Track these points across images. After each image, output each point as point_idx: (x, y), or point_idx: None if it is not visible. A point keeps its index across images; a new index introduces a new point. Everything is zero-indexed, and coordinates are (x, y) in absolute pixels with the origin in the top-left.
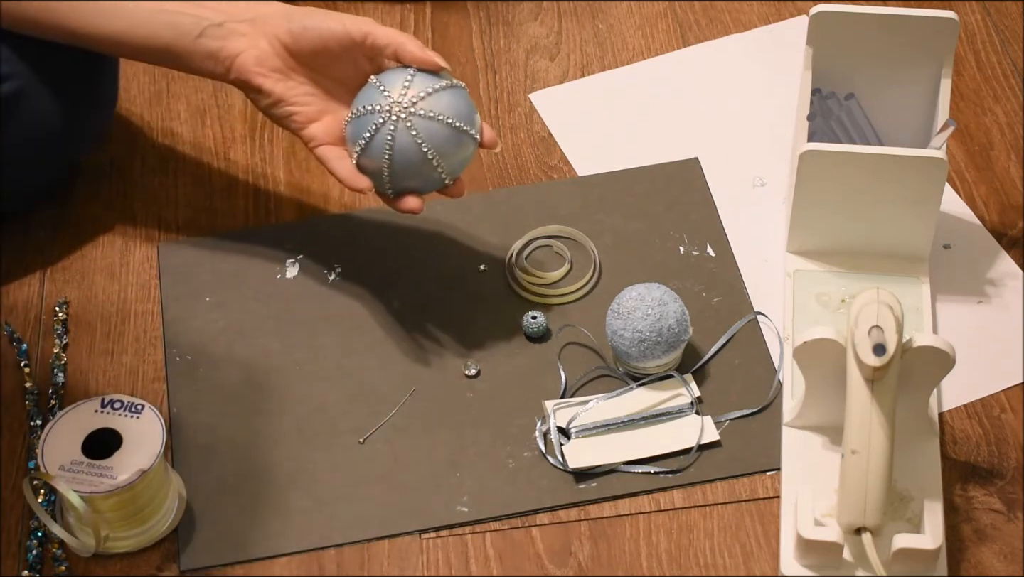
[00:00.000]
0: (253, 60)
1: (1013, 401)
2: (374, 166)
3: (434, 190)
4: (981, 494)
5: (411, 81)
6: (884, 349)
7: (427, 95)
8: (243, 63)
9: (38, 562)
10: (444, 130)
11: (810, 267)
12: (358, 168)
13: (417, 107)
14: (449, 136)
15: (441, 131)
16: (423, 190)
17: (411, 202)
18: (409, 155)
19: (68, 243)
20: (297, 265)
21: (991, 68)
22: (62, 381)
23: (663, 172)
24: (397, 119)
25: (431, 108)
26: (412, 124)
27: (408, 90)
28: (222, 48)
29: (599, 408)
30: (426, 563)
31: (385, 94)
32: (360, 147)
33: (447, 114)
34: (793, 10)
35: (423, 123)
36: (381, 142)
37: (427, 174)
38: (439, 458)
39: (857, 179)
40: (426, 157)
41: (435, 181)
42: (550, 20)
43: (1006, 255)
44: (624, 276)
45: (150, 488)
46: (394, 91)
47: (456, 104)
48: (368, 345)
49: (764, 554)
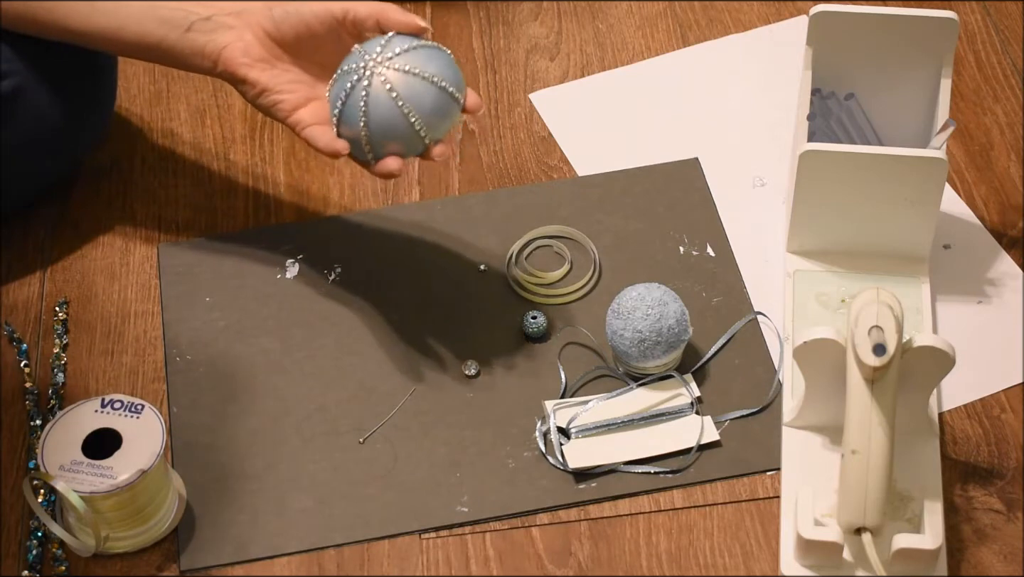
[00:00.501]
0: (239, 52)
1: (1013, 401)
2: (352, 128)
3: (416, 153)
4: (981, 494)
5: (388, 40)
6: (884, 349)
7: (403, 52)
8: (229, 55)
9: (38, 562)
10: (420, 85)
11: (810, 267)
12: (338, 135)
13: (392, 62)
14: (426, 92)
15: (418, 87)
16: (403, 153)
17: (390, 163)
18: (385, 112)
19: (68, 243)
20: (297, 265)
21: (991, 68)
22: (62, 381)
23: (663, 172)
24: (371, 74)
25: (406, 64)
26: (386, 79)
27: (384, 48)
28: (209, 42)
29: (599, 408)
30: (426, 563)
31: (362, 54)
32: (338, 109)
33: (423, 70)
34: (793, 10)
35: (398, 77)
36: (356, 100)
37: (406, 133)
38: (439, 458)
39: (857, 179)
40: (402, 113)
41: (415, 142)
42: (550, 20)
43: (1006, 255)
44: (624, 276)
45: (150, 488)
46: (371, 51)
47: (435, 62)
48: (368, 345)
49: (764, 554)
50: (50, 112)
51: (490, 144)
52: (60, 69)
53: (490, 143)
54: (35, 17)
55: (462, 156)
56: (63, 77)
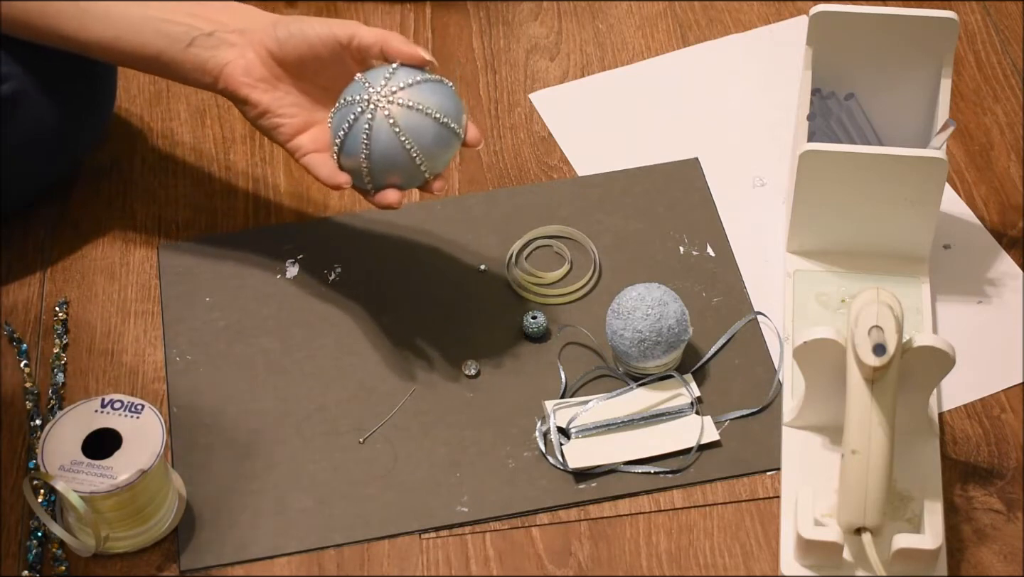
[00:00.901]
0: (240, 70)
1: (1013, 401)
2: (353, 159)
3: (415, 185)
4: (981, 494)
5: (393, 73)
6: (884, 349)
7: (407, 86)
8: (231, 73)
9: (38, 562)
10: (423, 121)
11: (810, 267)
12: (339, 165)
13: (396, 96)
14: (428, 127)
15: (420, 122)
16: (403, 185)
17: (389, 196)
18: (386, 146)
19: (68, 243)
20: (297, 265)
21: (991, 68)
22: (62, 381)
23: (663, 172)
24: (375, 108)
25: (410, 98)
26: (390, 113)
27: (389, 81)
28: (211, 59)
29: (599, 408)
30: (426, 563)
31: (366, 85)
32: (339, 139)
33: (426, 105)
34: (793, 10)
35: (401, 112)
36: (359, 132)
37: (406, 167)
38: (439, 458)
39: (857, 179)
40: (404, 148)
41: (415, 175)
42: (550, 20)
43: (1006, 255)
44: (624, 276)
45: (150, 488)
46: (375, 83)
47: (437, 97)
48: (368, 345)
49: (764, 554)
50: (49, 114)
51: (490, 144)
52: (59, 71)
53: (490, 143)
54: (32, 24)
55: (462, 156)
56: (62, 79)
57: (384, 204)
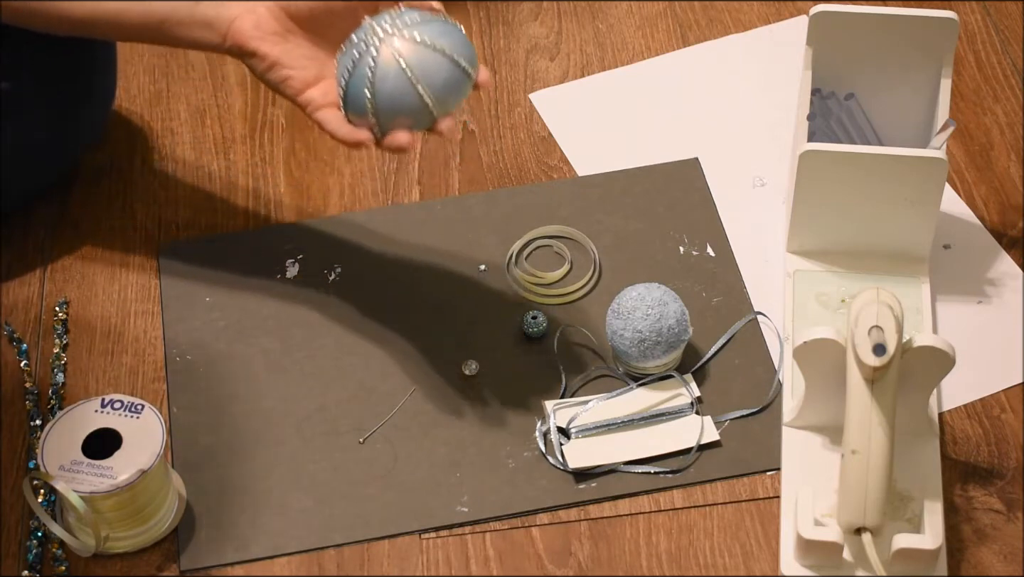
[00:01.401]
0: (250, 24)
1: (1013, 401)
2: (358, 100)
3: (424, 127)
4: (981, 494)
5: (400, 14)
6: (884, 349)
7: (414, 24)
8: (239, 28)
9: (38, 562)
10: (432, 57)
11: (810, 267)
12: (344, 107)
13: (401, 31)
14: (437, 64)
15: (429, 58)
16: (411, 126)
17: (400, 137)
18: (393, 83)
19: (68, 243)
20: (297, 265)
21: (991, 68)
22: (62, 381)
23: (663, 172)
24: (380, 44)
25: (415, 34)
26: (396, 49)
27: (396, 20)
28: (219, 15)
29: (599, 408)
30: (426, 563)
31: (372, 26)
32: (344, 81)
33: (435, 41)
34: (793, 10)
35: (408, 48)
36: (364, 70)
37: (414, 106)
38: (439, 458)
39: (857, 179)
40: (411, 85)
41: (423, 114)
42: (550, 20)
43: (1006, 255)
44: (624, 276)
45: (150, 488)
46: (381, 23)
47: (444, 33)
48: (368, 345)
49: (764, 554)
50: (47, 113)
51: (490, 144)
52: (58, 70)
53: (490, 143)
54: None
55: (462, 156)
56: (61, 78)
57: (395, 147)
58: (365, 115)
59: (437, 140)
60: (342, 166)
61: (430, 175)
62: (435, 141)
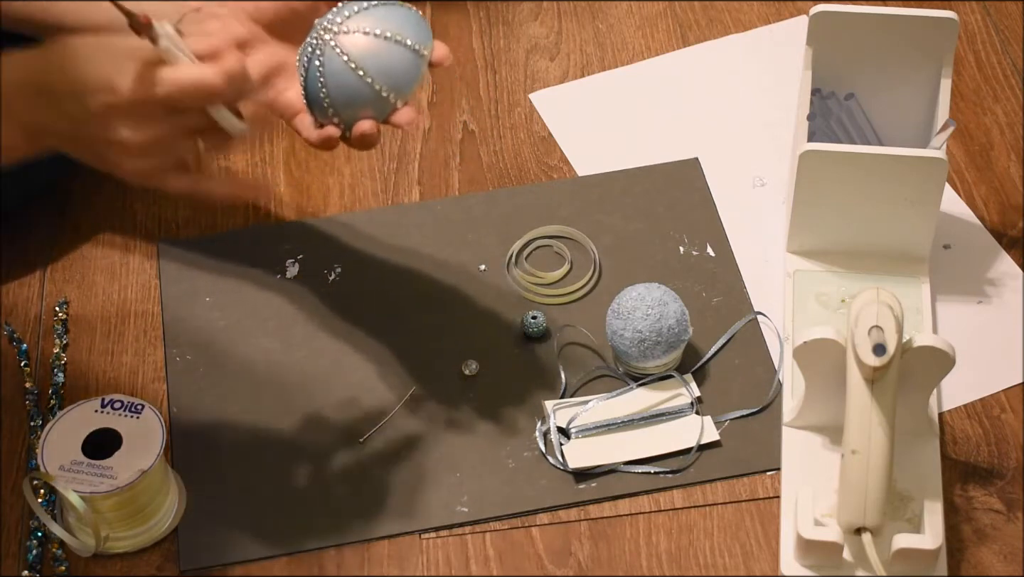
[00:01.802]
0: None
1: (1013, 401)
2: (317, 102)
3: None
4: (981, 494)
5: (341, 7)
6: (884, 349)
7: (353, 14)
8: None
9: (38, 562)
10: (372, 44)
11: (810, 267)
12: (309, 110)
13: (341, 26)
14: (376, 47)
15: (369, 45)
16: (376, 116)
17: (363, 125)
18: (340, 76)
19: (68, 243)
20: (297, 265)
21: (991, 68)
22: (62, 381)
23: (663, 172)
24: (323, 44)
25: (357, 25)
26: (336, 44)
27: (337, 15)
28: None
29: (599, 408)
30: (426, 563)
31: (316, 24)
32: (303, 84)
33: (374, 27)
34: (793, 10)
35: (348, 40)
36: (314, 71)
37: (368, 97)
38: (439, 458)
39: (857, 179)
40: (357, 76)
41: (378, 101)
42: (550, 20)
43: (1006, 255)
44: (624, 276)
45: (150, 488)
46: (323, 21)
47: (385, 18)
48: (368, 345)
49: (764, 554)
50: None
51: (490, 144)
52: None
53: (490, 143)
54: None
55: (462, 156)
56: None
57: (359, 135)
58: (327, 115)
59: (437, 140)
60: (342, 166)
61: (430, 175)
62: (435, 141)
